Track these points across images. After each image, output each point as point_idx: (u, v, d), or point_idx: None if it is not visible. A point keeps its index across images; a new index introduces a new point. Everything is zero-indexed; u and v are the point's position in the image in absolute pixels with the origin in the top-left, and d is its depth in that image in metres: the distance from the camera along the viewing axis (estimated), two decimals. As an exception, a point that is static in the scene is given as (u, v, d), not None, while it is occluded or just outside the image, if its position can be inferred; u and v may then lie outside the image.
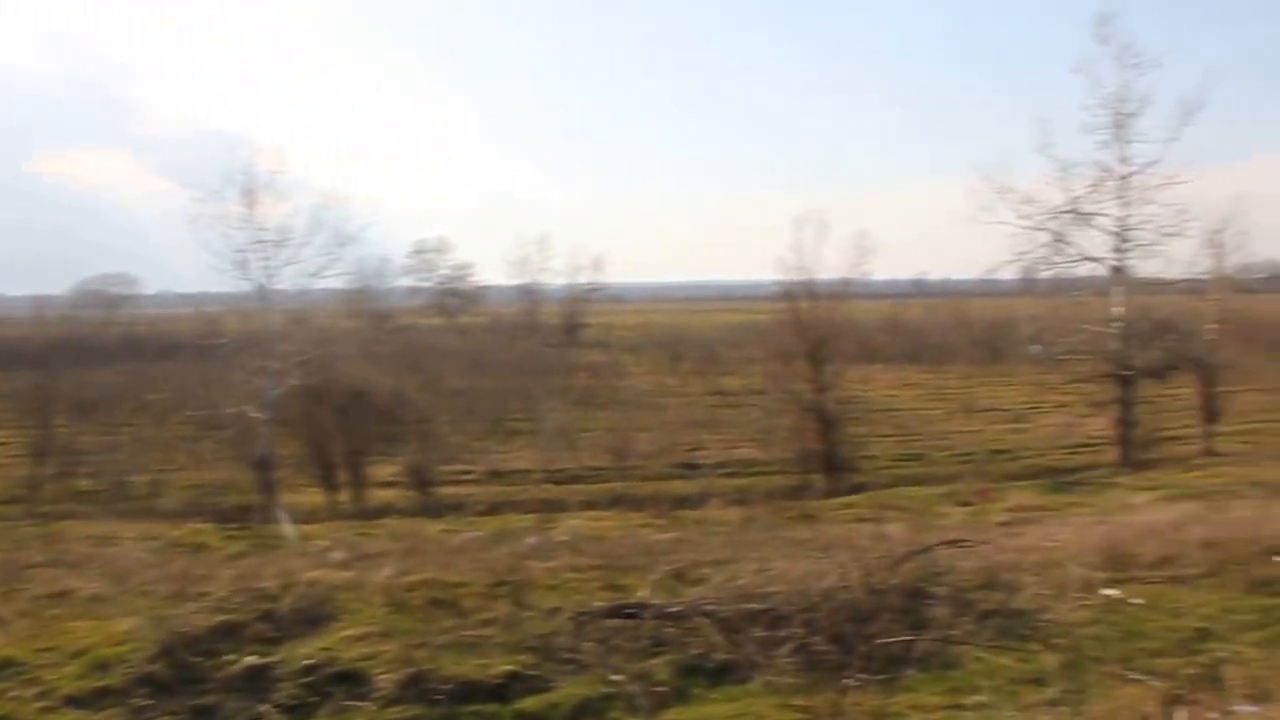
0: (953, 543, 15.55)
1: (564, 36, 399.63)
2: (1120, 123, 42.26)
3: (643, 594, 12.35)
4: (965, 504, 28.53)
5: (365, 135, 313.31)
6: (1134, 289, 44.14)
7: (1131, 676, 10.52)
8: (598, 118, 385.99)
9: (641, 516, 28.06)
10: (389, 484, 37.84)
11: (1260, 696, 8.67)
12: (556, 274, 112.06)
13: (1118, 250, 42.69)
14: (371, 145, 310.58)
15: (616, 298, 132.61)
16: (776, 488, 35.33)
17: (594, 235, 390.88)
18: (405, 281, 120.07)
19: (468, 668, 10.34)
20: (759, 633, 10.97)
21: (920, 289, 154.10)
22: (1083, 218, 42.81)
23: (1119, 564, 18.15)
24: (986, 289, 78.95)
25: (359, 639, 10.86)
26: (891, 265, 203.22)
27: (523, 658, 10.59)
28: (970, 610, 12.11)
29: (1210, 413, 45.44)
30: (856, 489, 34.99)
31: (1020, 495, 29.72)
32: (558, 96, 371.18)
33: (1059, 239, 43.05)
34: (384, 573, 13.39)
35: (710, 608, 11.65)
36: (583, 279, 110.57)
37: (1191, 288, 49.17)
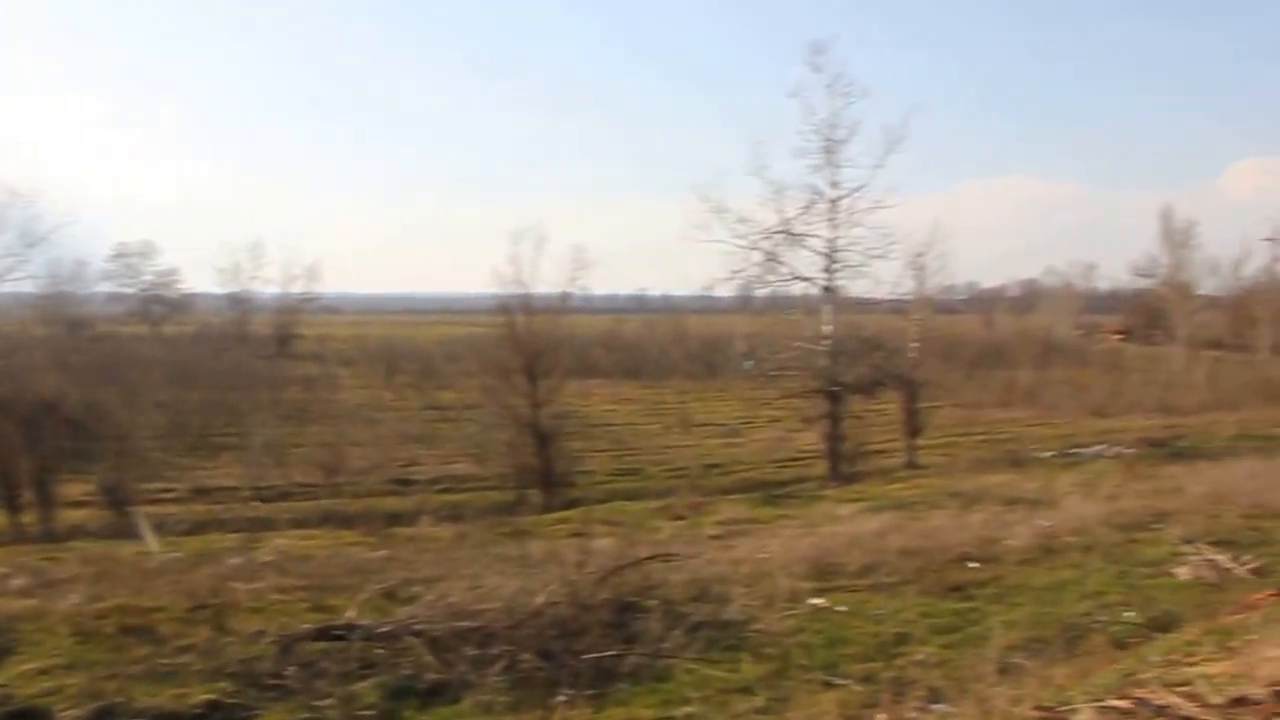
0: (662, 556, 15.87)
1: (267, 48, 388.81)
2: (831, 148, 44.12)
3: (351, 615, 12.12)
4: (679, 518, 29.07)
5: (60, 133, 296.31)
6: (843, 308, 46.14)
7: (835, 682, 10.97)
8: (308, 126, 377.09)
9: (352, 535, 27.45)
10: (81, 503, 35.72)
11: (952, 696, 9.16)
12: (269, 283, 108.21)
13: (828, 270, 44.49)
14: (69, 145, 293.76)
15: (332, 309, 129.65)
16: (492, 504, 35.22)
17: (309, 243, 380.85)
18: (106, 287, 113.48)
19: (163, 698, 9.90)
20: (470, 651, 10.93)
21: (641, 304, 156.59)
22: (795, 238, 44.47)
23: (825, 573, 18.94)
24: (706, 305, 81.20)
25: (41, 673, 10.25)
26: (614, 280, 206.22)
27: (223, 685, 10.22)
28: (681, 623, 12.39)
29: (913, 427, 47.85)
30: (572, 504, 35.20)
31: (732, 508, 30.52)
32: (265, 103, 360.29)
33: (772, 258, 44.54)
34: (71, 600, 12.72)
35: (421, 627, 11.53)
36: (296, 288, 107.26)
37: (897, 308, 51.83)
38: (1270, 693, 4.58)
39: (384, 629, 11.54)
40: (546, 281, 43.53)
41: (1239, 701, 4.55)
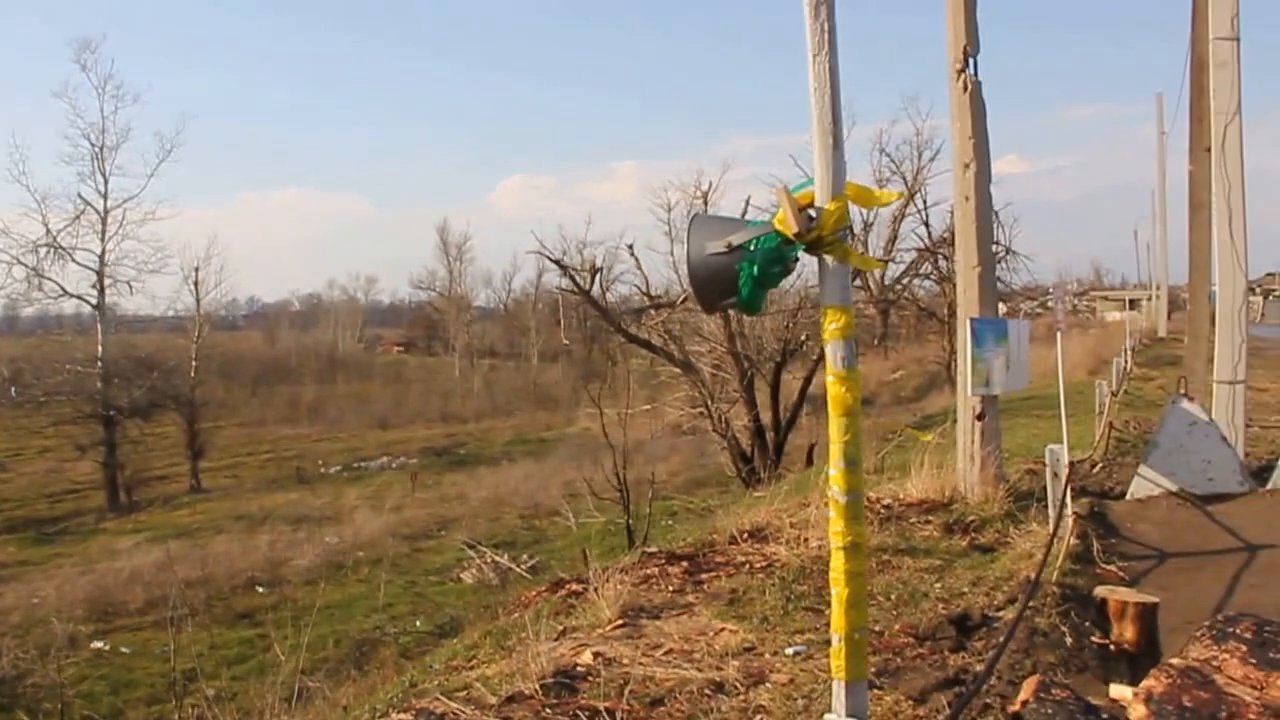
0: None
1: None
2: (101, 155, 42.26)
3: None
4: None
5: None
6: (117, 326, 44.17)
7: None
8: None
9: None
10: None
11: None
12: None
13: (99, 287, 42.42)
14: None
15: None
16: None
17: None
18: None
19: None
20: None
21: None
22: (63, 252, 42.01)
23: (107, 614, 18.14)
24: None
25: None
26: None
27: None
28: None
29: (196, 450, 46.61)
30: None
31: None
32: None
33: (37, 274, 41.80)
34: None
35: None
36: None
37: (175, 325, 50.46)
38: (540, 686, 5.04)
39: None
40: None
41: (512, 699, 4.95)
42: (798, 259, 3.25)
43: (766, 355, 28.41)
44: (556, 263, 31.80)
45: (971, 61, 10.03)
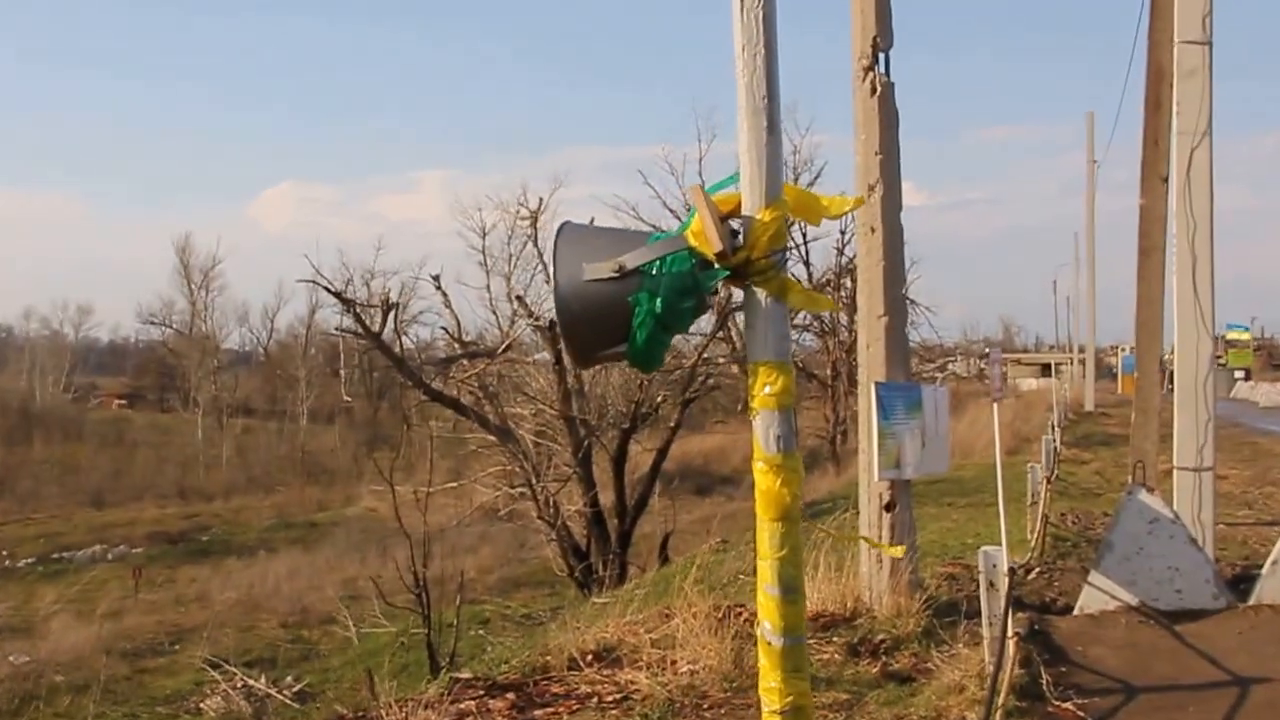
0: None
1: None
2: None
3: None
4: None
5: None
6: None
7: None
8: None
9: None
10: None
11: None
12: None
13: None
14: None
15: None
16: None
17: None
18: None
19: None
20: None
21: None
22: None
23: None
24: None
25: None
26: None
27: None
28: None
29: None
30: None
31: None
32: None
33: None
34: None
35: None
36: None
37: None
38: None
39: None
40: None
41: None
42: (716, 291, 2.88)
43: (610, 420, 28.33)
44: (337, 295, 31.36)
45: (882, 57, 10.01)
